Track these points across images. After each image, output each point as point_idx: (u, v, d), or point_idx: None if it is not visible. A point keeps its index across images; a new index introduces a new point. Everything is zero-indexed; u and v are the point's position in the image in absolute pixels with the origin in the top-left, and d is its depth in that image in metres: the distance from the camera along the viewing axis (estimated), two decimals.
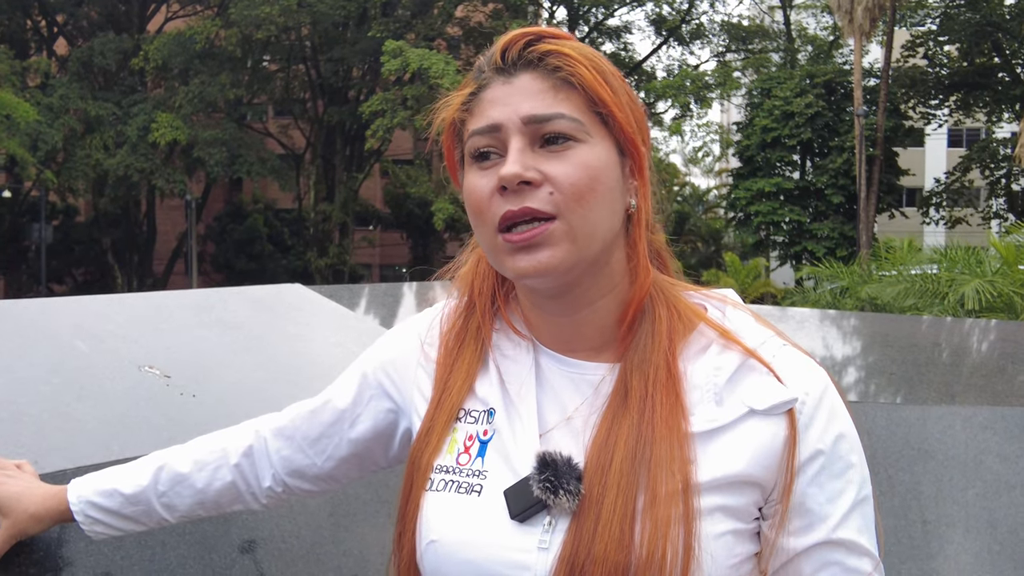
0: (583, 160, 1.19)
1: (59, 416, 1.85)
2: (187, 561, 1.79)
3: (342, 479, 1.52)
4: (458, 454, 1.28)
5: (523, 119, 1.19)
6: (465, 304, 1.38)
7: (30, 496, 1.54)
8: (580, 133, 1.19)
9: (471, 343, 1.34)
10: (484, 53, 1.27)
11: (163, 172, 37.95)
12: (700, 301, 1.30)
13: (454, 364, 1.33)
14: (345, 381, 1.48)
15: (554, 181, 1.17)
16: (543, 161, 1.18)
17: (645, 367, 1.22)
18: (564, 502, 1.16)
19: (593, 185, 1.19)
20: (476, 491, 1.24)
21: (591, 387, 1.25)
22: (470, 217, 1.24)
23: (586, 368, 1.27)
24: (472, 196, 1.22)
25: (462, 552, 1.21)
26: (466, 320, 1.36)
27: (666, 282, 1.30)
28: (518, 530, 1.19)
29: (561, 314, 1.27)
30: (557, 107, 1.19)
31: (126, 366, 2.09)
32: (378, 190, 46.29)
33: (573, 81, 1.20)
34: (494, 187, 1.19)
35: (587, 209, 1.18)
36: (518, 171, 1.17)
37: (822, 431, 1.20)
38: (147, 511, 1.51)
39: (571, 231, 1.18)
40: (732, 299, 1.32)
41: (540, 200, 1.17)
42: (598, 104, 1.21)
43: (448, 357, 1.35)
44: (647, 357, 1.22)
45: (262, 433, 1.52)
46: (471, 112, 1.24)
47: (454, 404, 1.30)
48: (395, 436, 1.44)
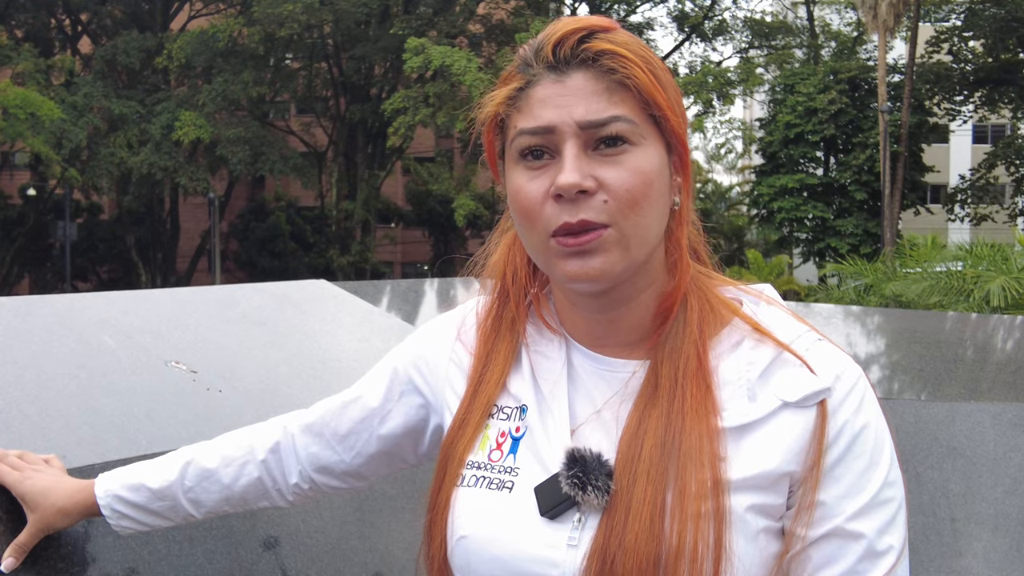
0: (638, 165, 1.17)
1: (86, 411, 1.85)
2: (214, 556, 1.79)
3: (370, 476, 1.52)
4: (490, 450, 1.27)
5: (579, 123, 1.16)
6: (498, 294, 1.36)
7: (58, 490, 1.55)
8: (635, 136, 1.17)
9: (506, 336, 1.33)
10: (527, 44, 1.23)
11: (186, 170, 38.12)
12: (736, 295, 1.29)
13: (488, 358, 1.32)
14: (375, 377, 1.47)
15: (609, 189, 1.15)
16: (597, 166, 1.16)
17: (675, 357, 1.21)
18: (593, 499, 1.15)
19: (647, 191, 1.17)
20: (507, 488, 1.23)
21: (621, 382, 1.24)
22: (516, 217, 1.22)
23: (616, 364, 1.26)
24: (521, 198, 1.20)
25: (492, 548, 1.21)
26: (500, 311, 1.35)
27: (702, 276, 1.29)
28: (548, 527, 1.18)
29: (598, 311, 1.26)
30: (613, 110, 1.16)
31: (153, 361, 2.10)
32: (400, 188, 46.36)
33: (629, 84, 1.17)
34: (546, 191, 1.17)
35: (640, 215, 1.17)
36: (577, 180, 1.14)
37: (848, 417, 1.18)
38: (174, 506, 1.52)
39: (624, 239, 1.17)
40: (769, 295, 1.31)
41: (595, 210, 1.15)
42: (652, 107, 1.18)
43: (483, 350, 1.34)
44: (677, 347, 1.21)
45: (290, 430, 1.52)
46: (518, 109, 1.21)
47: (488, 400, 1.30)
48: (425, 433, 1.44)
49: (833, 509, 1.16)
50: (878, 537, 1.16)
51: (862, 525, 1.16)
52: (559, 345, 1.29)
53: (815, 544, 1.16)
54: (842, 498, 1.16)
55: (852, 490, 1.17)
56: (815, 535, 1.16)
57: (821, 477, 1.16)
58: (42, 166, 38.41)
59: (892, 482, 1.18)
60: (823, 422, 1.17)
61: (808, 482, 1.16)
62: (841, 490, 1.17)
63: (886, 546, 1.16)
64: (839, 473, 1.17)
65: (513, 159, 1.22)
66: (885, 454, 1.19)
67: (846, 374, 1.20)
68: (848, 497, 1.17)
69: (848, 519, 1.16)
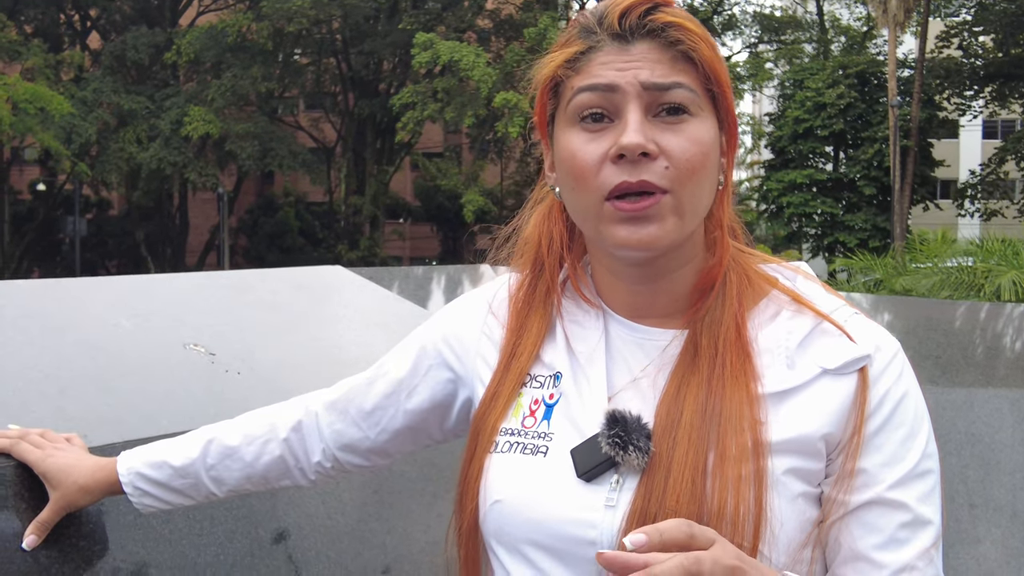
0: (697, 135, 1.17)
1: (105, 391, 1.85)
2: (234, 536, 1.79)
3: (395, 453, 1.51)
4: (523, 417, 1.26)
5: (643, 84, 1.16)
6: (532, 265, 1.35)
7: (79, 468, 1.54)
8: (694, 107, 1.17)
9: (539, 307, 1.32)
10: (586, 13, 1.22)
11: (195, 165, 38.20)
12: (772, 271, 1.29)
13: (522, 329, 1.32)
14: (401, 353, 1.46)
15: (670, 155, 1.15)
16: (658, 132, 1.16)
17: (715, 327, 1.21)
18: (633, 459, 1.14)
19: (704, 162, 1.17)
20: (542, 452, 1.22)
21: (658, 351, 1.24)
22: (568, 180, 1.21)
23: (654, 334, 1.25)
24: (576, 159, 1.19)
25: (527, 511, 1.20)
26: (533, 283, 1.34)
27: (740, 253, 1.29)
28: (585, 489, 1.17)
29: (639, 282, 1.25)
30: (677, 77, 1.16)
31: (170, 344, 2.09)
32: (408, 183, 46.37)
33: (693, 56, 1.17)
34: (605, 153, 1.16)
35: (696, 185, 1.17)
36: (641, 142, 1.14)
37: (889, 387, 1.18)
38: (195, 484, 1.51)
39: (680, 207, 1.16)
40: (804, 270, 1.31)
41: (656, 174, 1.15)
42: (712, 82, 1.19)
43: (516, 321, 1.33)
44: (717, 317, 1.21)
45: (312, 408, 1.51)
46: (578, 71, 1.20)
47: (521, 369, 1.29)
48: (453, 408, 1.43)
49: (874, 477, 1.16)
50: (919, 506, 1.16)
51: (903, 494, 1.16)
52: (596, 315, 1.29)
53: (855, 512, 1.16)
54: (883, 466, 1.16)
55: (893, 459, 1.16)
56: (856, 502, 1.16)
57: (862, 445, 1.16)
58: (52, 161, 38.49)
59: (931, 454, 1.18)
60: (864, 389, 1.17)
61: (849, 449, 1.16)
62: (882, 458, 1.16)
63: (927, 516, 1.16)
64: (880, 442, 1.16)
65: (569, 121, 1.21)
66: (924, 426, 1.19)
67: (885, 344, 1.21)
68: (889, 466, 1.16)
69: (889, 488, 1.16)
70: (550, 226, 1.33)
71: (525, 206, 1.40)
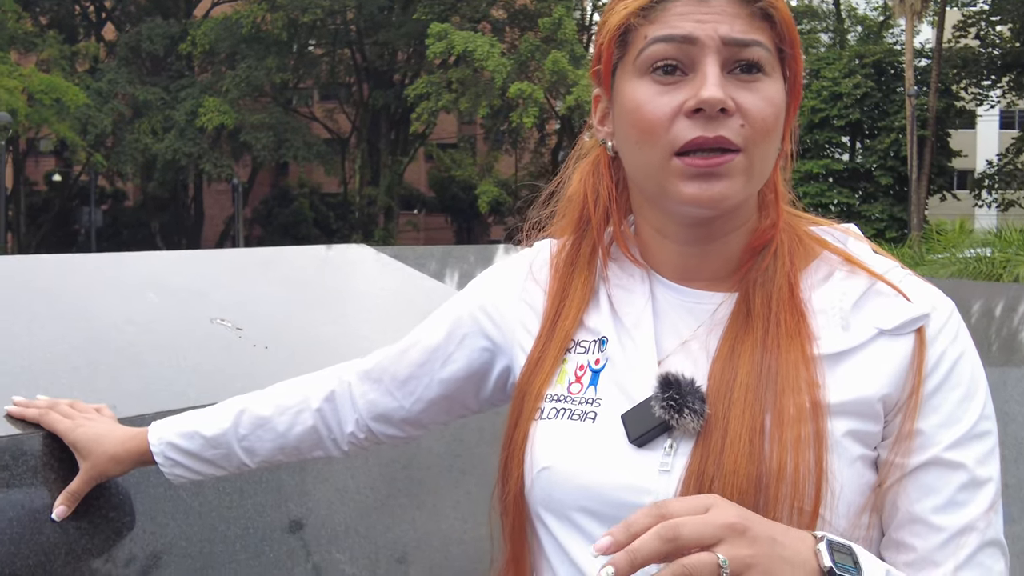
0: (771, 95, 1.14)
1: (134, 364, 1.84)
2: (264, 510, 1.78)
3: (429, 424, 1.48)
4: (569, 384, 1.23)
5: (723, 39, 1.12)
6: (576, 225, 1.31)
7: (110, 438, 1.53)
8: (768, 66, 1.14)
9: (583, 270, 1.28)
10: None
11: (210, 156, 38.30)
12: (822, 232, 1.26)
13: (565, 293, 1.28)
14: (437, 321, 1.43)
15: (747, 114, 1.12)
16: (734, 89, 1.12)
17: (768, 287, 1.17)
18: (689, 422, 1.11)
19: (775, 124, 1.14)
20: (590, 418, 1.19)
21: (708, 314, 1.20)
22: (629, 132, 1.17)
23: (703, 297, 1.22)
24: (644, 111, 1.14)
25: (577, 478, 1.17)
26: (577, 244, 1.30)
27: (790, 214, 1.26)
28: (637, 454, 1.14)
29: (690, 244, 1.22)
30: (755, 34, 1.13)
31: (198, 318, 2.08)
32: (423, 174, 46.38)
33: (772, 13, 1.14)
34: (678, 107, 1.12)
35: (767, 146, 1.14)
36: (722, 97, 1.10)
37: (946, 347, 1.15)
38: (227, 455, 1.49)
39: (750, 167, 1.13)
40: (854, 232, 1.28)
41: (732, 131, 1.11)
42: (786, 42, 1.16)
43: (559, 285, 1.29)
44: (770, 278, 1.18)
45: (345, 378, 1.49)
46: (651, 20, 1.15)
47: (565, 334, 1.25)
48: (490, 377, 1.39)
49: (932, 438, 1.13)
50: (977, 468, 1.12)
51: (961, 455, 1.12)
52: (642, 278, 1.25)
53: (913, 474, 1.13)
54: (940, 427, 1.13)
55: (950, 420, 1.13)
56: (913, 464, 1.13)
57: (920, 405, 1.13)
58: (67, 152, 38.68)
59: (988, 415, 1.15)
60: (921, 349, 1.14)
61: (906, 410, 1.13)
62: (939, 419, 1.13)
63: (986, 476, 1.13)
64: (937, 402, 1.13)
65: (637, 71, 1.16)
66: (981, 387, 1.16)
67: (941, 304, 1.17)
68: (946, 427, 1.13)
69: (946, 448, 1.12)
70: (596, 182, 1.29)
71: (567, 162, 1.36)
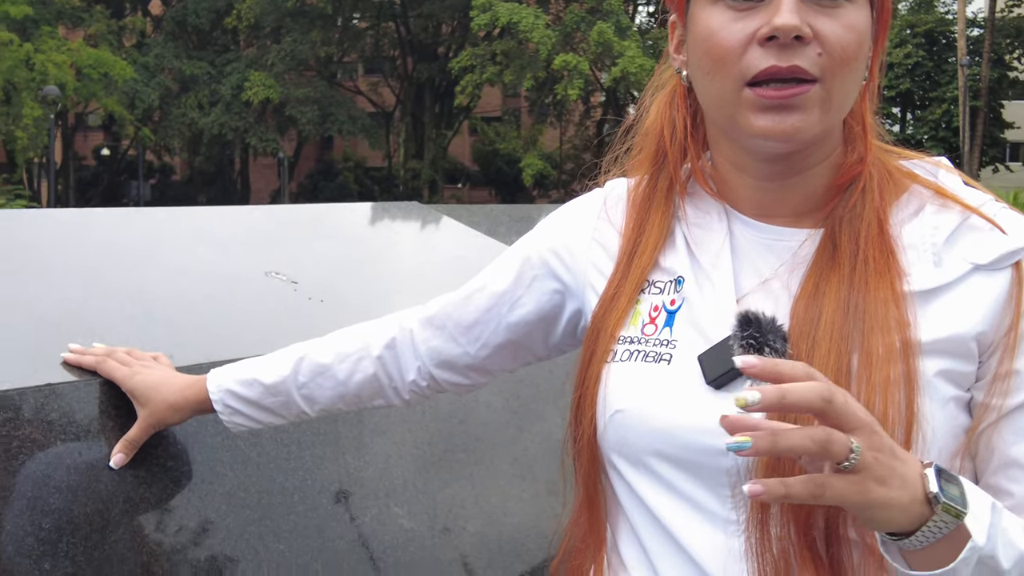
0: (853, 22, 1.07)
1: (190, 315, 1.81)
2: (322, 462, 1.75)
3: (494, 370, 1.44)
4: (643, 325, 1.18)
5: None
6: (652, 160, 1.25)
7: (168, 385, 1.51)
8: None
9: (659, 207, 1.22)
10: None
11: (256, 130, 38.51)
12: (912, 166, 1.19)
13: (640, 231, 1.23)
14: (503, 264, 1.38)
15: (824, 41, 1.05)
16: (812, 16, 1.05)
17: (855, 222, 1.11)
18: None
19: (857, 53, 1.07)
20: (665, 360, 1.14)
21: (790, 251, 1.15)
22: (705, 61, 1.11)
23: (785, 233, 1.16)
24: (716, 39, 1.09)
25: (652, 421, 1.12)
26: (653, 180, 1.24)
27: (878, 148, 1.19)
28: (714, 396, 1.09)
29: (770, 179, 1.15)
30: None
31: (252, 272, 2.05)
32: (467, 147, 46.34)
33: None
34: (751, 34, 1.06)
35: (847, 76, 1.07)
36: (797, 23, 1.04)
37: None
38: (286, 403, 1.46)
39: (828, 98, 1.07)
40: (945, 164, 1.21)
41: (808, 60, 1.05)
42: None
43: (634, 223, 1.24)
44: (857, 213, 1.12)
45: (407, 325, 1.45)
46: None
47: (640, 274, 1.20)
48: (559, 321, 1.34)
49: None
50: None
51: None
52: (719, 215, 1.19)
53: (1009, 416, 1.07)
54: None
55: None
56: (1010, 406, 1.07)
57: (1018, 343, 1.07)
58: (115, 126, 39.04)
59: None
60: (1019, 284, 1.07)
61: (1003, 349, 1.07)
62: None
63: None
64: None
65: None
66: None
67: None
68: None
69: None
70: (672, 114, 1.23)
71: (644, 94, 1.30)
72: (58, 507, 1.42)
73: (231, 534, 1.60)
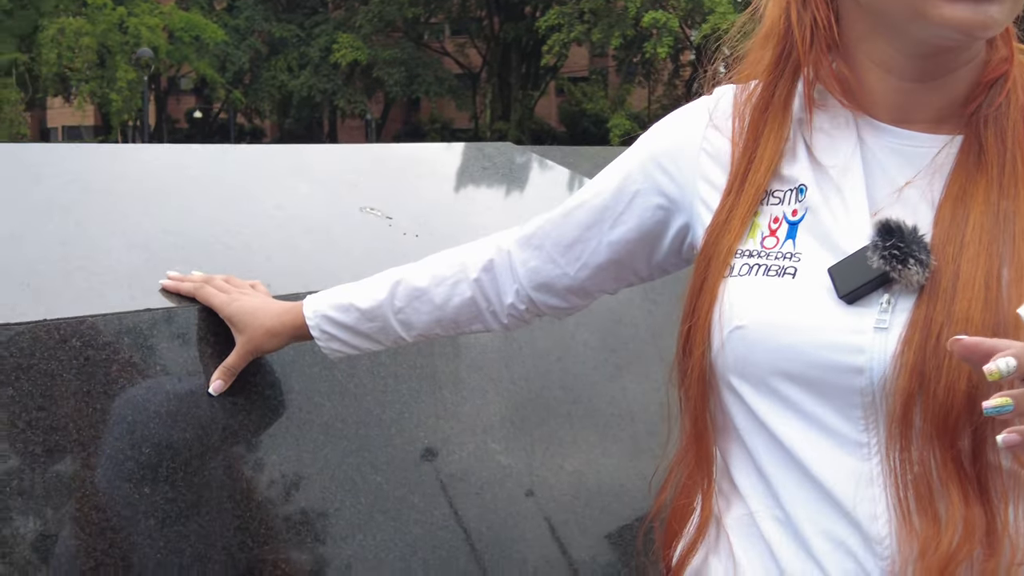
0: None
1: (286, 247, 1.80)
2: (419, 395, 1.73)
3: (595, 291, 1.38)
4: (762, 238, 1.11)
5: None
6: (772, 65, 1.16)
7: (266, 311, 1.49)
8: None
9: (778, 114, 1.14)
10: None
11: (344, 92, 38.75)
12: None
13: (757, 140, 1.15)
14: (604, 180, 1.31)
15: None
16: None
17: (1002, 123, 1.04)
18: (913, 273, 0.98)
19: None
20: (789, 274, 1.06)
21: (927, 158, 1.07)
22: None
23: (922, 139, 1.08)
24: None
25: (778, 337, 1.05)
26: (772, 85, 1.16)
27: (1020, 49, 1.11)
28: (847, 311, 1.02)
29: (917, 79, 1.07)
30: None
31: (347, 207, 2.03)
32: (553, 108, 46.07)
33: None
34: None
35: None
36: None
37: None
38: (383, 328, 1.43)
39: None
40: None
41: None
42: None
43: (750, 131, 1.16)
44: (1004, 113, 1.04)
45: (504, 246, 1.40)
46: None
47: (758, 185, 1.13)
48: (664, 237, 1.27)
49: None
50: None
51: None
52: (847, 120, 1.11)
53: None
54: None
55: None
56: None
57: None
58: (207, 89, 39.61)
59: None
60: None
61: None
62: None
63: None
64: None
65: None
66: None
67: None
68: None
69: None
70: (802, 13, 1.12)
71: None
72: (157, 433, 1.42)
73: (328, 464, 1.58)
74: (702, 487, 1.16)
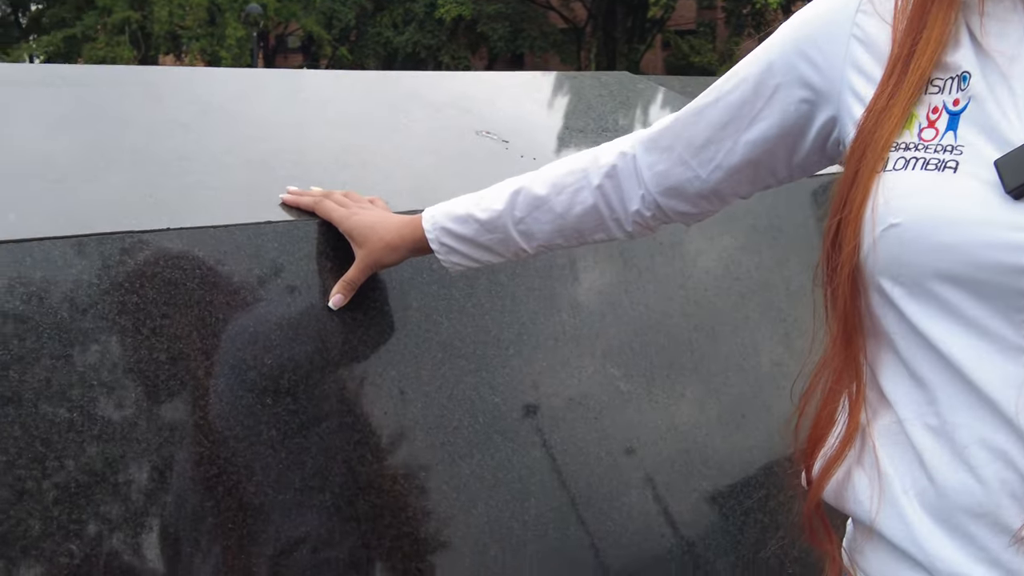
0: None
1: (404, 167, 1.77)
2: (537, 317, 1.69)
3: (728, 196, 1.30)
4: (920, 129, 1.02)
5: None
6: None
7: (384, 225, 1.46)
8: None
9: None
10: None
11: (448, 48, 38.74)
12: None
13: (924, 16, 1.05)
14: (740, 73, 1.22)
15: None
16: None
17: None
18: None
19: None
20: (950, 168, 0.98)
21: None
22: None
23: None
24: None
25: (936, 234, 0.96)
26: None
27: None
28: (1015, 207, 0.93)
29: None
30: None
31: (463, 131, 2.00)
32: (659, 62, 45.39)
33: None
34: None
35: None
36: None
37: None
38: (503, 239, 1.39)
39: None
40: None
41: None
42: None
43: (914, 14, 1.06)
44: None
45: (628, 151, 1.33)
46: None
47: (923, 69, 1.03)
48: (807, 134, 1.18)
49: None
50: None
51: None
52: (1014, 4, 1.01)
53: None
54: None
55: None
56: None
57: None
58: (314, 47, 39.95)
59: None
60: None
61: None
62: None
63: None
64: None
65: None
66: None
67: None
68: None
69: None
70: None
71: None
72: (279, 344, 1.41)
73: (447, 382, 1.56)
74: (849, 393, 1.09)
